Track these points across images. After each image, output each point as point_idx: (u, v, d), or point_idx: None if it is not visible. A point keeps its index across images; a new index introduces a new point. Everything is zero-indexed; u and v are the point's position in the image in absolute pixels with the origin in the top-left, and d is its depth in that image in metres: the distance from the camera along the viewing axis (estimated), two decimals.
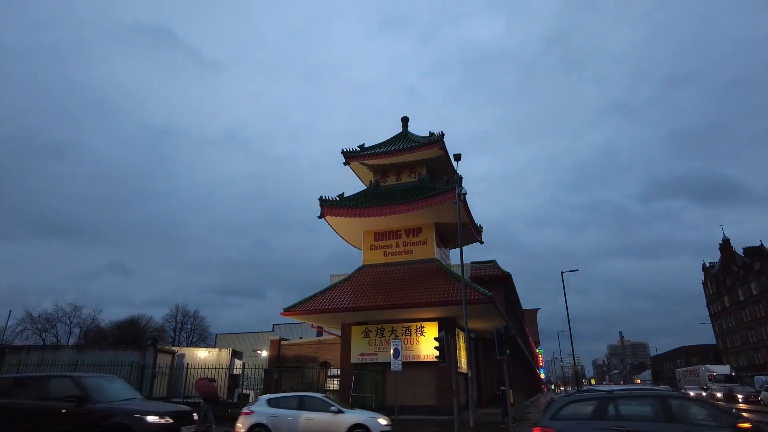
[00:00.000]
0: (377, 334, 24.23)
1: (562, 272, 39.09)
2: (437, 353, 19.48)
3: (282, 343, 29.53)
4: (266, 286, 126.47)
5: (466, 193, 20.61)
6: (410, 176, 28.27)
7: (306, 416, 13.55)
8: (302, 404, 13.96)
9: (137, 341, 50.79)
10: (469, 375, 17.78)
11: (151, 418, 9.48)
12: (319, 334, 41.03)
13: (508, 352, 19.86)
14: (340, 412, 13.64)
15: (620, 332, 46.87)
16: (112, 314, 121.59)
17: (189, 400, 21.04)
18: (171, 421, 9.79)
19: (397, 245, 26.54)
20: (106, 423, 9.50)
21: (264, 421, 13.51)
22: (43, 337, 57.91)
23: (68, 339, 58.97)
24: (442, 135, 27.03)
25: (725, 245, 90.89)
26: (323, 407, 13.80)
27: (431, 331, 23.36)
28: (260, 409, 14.08)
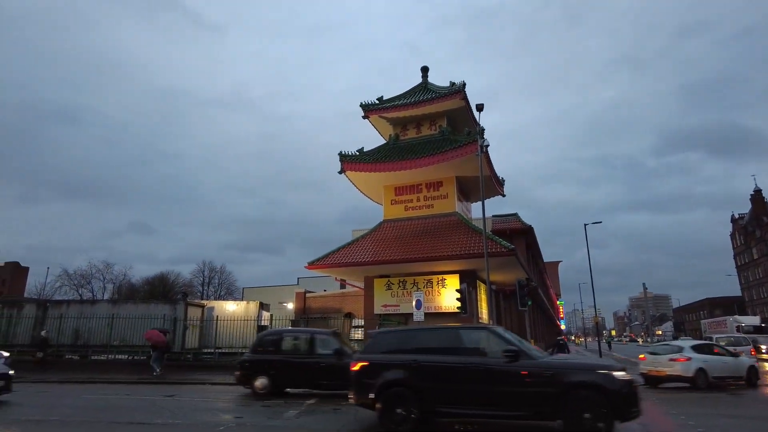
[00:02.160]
0: (399, 286, 24.62)
1: (585, 224, 38.61)
2: (459, 304, 19.77)
3: (307, 295, 30.33)
4: (284, 243, 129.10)
5: (488, 145, 20.23)
6: (431, 129, 27.79)
7: None
8: None
9: (166, 296, 52.79)
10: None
11: None
12: (342, 286, 41.90)
13: (529, 303, 20.09)
14: None
15: (644, 284, 46.68)
16: (141, 271, 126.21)
17: (220, 350, 22.02)
18: None
19: (418, 199, 26.46)
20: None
21: None
22: (80, 292, 60.70)
23: (103, 294, 61.75)
24: (464, 85, 26.29)
25: (756, 196, 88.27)
26: None
27: (452, 283, 23.61)
28: None
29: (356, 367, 8.71)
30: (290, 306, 35.78)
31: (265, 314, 25.47)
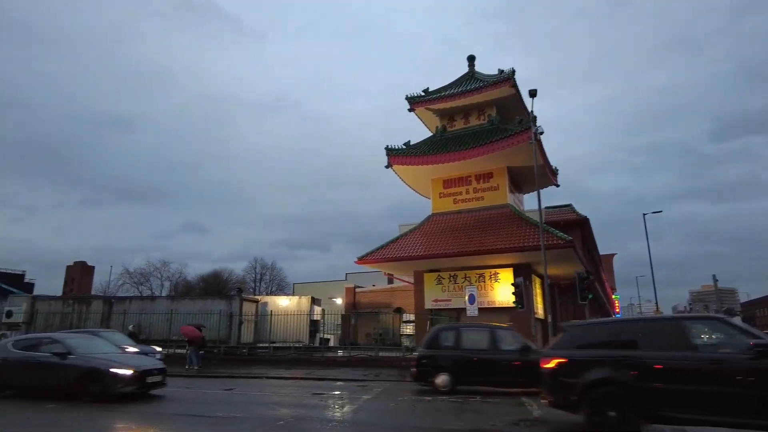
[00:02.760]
0: (450, 281, 24.16)
1: (644, 214, 36.84)
2: (513, 299, 19.13)
3: (357, 290, 30.38)
4: (330, 239, 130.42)
5: (543, 132, 19.40)
6: (479, 119, 27.06)
7: None
8: None
9: (221, 292, 54.54)
10: (549, 320, 17.36)
11: None
12: (390, 281, 41.83)
13: (590, 296, 19.16)
14: None
15: (713, 275, 43.74)
16: (195, 268, 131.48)
17: (274, 344, 22.37)
18: None
19: (467, 192, 25.85)
20: None
21: None
22: (140, 289, 63.75)
23: (161, 291, 64.55)
24: (513, 72, 25.40)
25: None
26: None
27: (506, 277, 22.92)
28: None
29: (550, 365, 7.89)
30: (339, 301, 36.04)
31: (317, 309, 25.71)
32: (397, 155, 25.89)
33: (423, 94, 27.72)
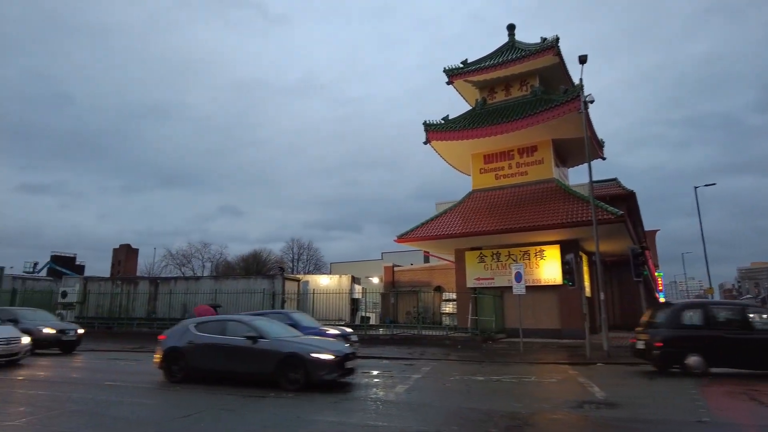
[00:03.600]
0: (493, 258, 23.54)
1: (695, 187, 34.94)
2: (560, 276, 18.43)
3: (395, 269, 30.12)
4: (362, 220, 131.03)
5: (593, 101, 18.29)
6: (521, 90, 25.93)
7: None
8: None
9: (260, 272, 55.49)
10: (602, 297, 16.61)
11: None
12: (426, 260, 41.45)
13: (645, 273, 18.27)
14: None
15: None
16: (235, 249, 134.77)
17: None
18: None
19: (510, 167, 24.95)
20: None
21: None
22: (182, 270, 65.62)
23: (202, 271, 66.27)
24: (557, 39, 24.11)
25: None
26: None
27: (552, 254, 22.16)
28: None
29: None
30: (376, 280, 36.00)
31: (357, 288, 25.63)
32: (435, 131, 25.16)
33: (461, 66, 26.73)
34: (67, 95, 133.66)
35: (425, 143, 25.46)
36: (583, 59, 17.78)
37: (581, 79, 19.49)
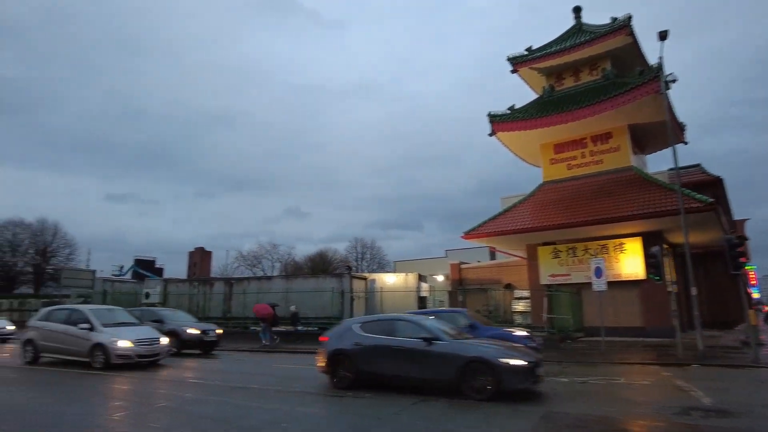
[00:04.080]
0: (568, 254, 22.38)
1: None
2: (643, 271, 17.14)
3: (462, 266, 29.48)
4: (421, 218, 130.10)
5: (675, 80, 16.83)
6: (591, 74, 24.48)
7: None
8: None
9: (326, 270, 56.57)
10: (694, 293, 15.22)
11: None
12: (492, 256, 40.32)
13: (745, 265, 16.57)
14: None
15: None
16: (301, 250, 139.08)
17: None
18: None
19: (583, 155, 23.63)
20: None
21: None
22: (253, 271, 68.32)
23: (272, 271, 68.63)
24: (629, 18, 22.51)
25: None
26: None
27: (632, 248, 20.73)
28: None
29: None
30: (440, 278, 35.50)
31: (424, 286, 25.31)
32: (501, 121, 24.31)
33: (526, 53, 25.67)
34: (141, 110, 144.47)
35: (490, 135, 24.68)
36: (663, 35, 16.38)
37: (660, 58, 17.98)
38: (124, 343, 12.19)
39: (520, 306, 26.19)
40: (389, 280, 25.52)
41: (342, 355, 9.37)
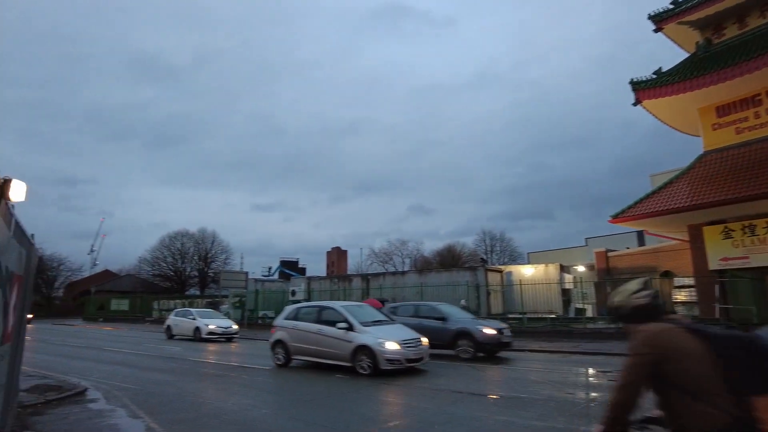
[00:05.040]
0: (745, 233, 18.94)
1: None
2: None
3: (609, 254, 26.79)
4: (553, 206, 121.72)
5: None
6: (763, 16, 20.46)
7: None
8: None
9: (455, 264, 55.93)
10: None
11: None
12: (641, 241, 36.16)
13: None
14: None
15: None
16: (429, 245, 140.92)
17: (527, 315, 21.11)
18: None
19: (757, 116, 19.84)
20: None
21: None
22: (385, 267, 70.29)
23: (402, 267, 69.94)
24: None
25: None
26: None
27: None
28: None
29: None
30: (581, 268, 32.71)
31: (567, 277, 23.46)
32: (647, 88, 21.45)
33: (672, 6, 22.33)
34: (279, 128, 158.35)
35: (635, 104, 21.94)
36: None
37: None
38: (392, 345, 10.70)
39: (681, 295, 22.98)
40: (527, 272, 24.11)
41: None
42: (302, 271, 74.24)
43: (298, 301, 29.13)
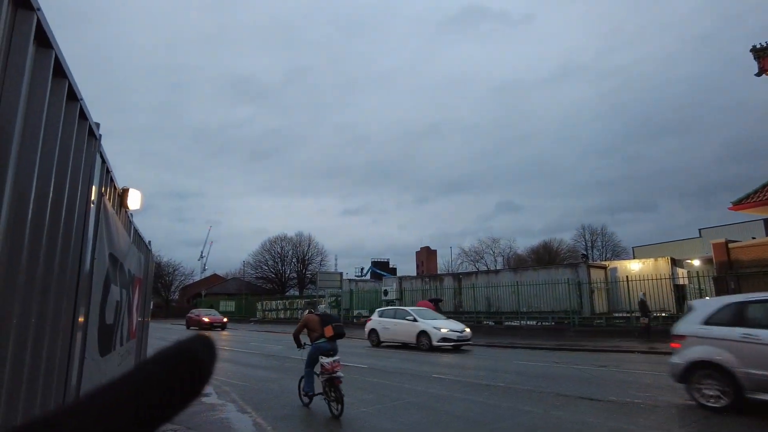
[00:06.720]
0: None
1: None
2: None
3: (730, 246, 23.92)
4: (654, 197, 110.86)
5: None
6: None
7: None
8: None
9: (552, 261, 53.28)
10: None
11: None
12: None
13: None
14: None
15: None
16: (522, 242, 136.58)
17: (635, 314, 19.52)
18: None
19: None
20: None
21: None
22: (476, 266, 68.88)
23: (495, 265, 68.08)
24: None
25: None
26: None
27: None
28: None
29: None
30: (696, 262, 29.57)
31: (680, 271, 21.33)
32: None
33: None
34: (364, 136, 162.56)
35: (758, 74, 19.41)
36: None
37: None
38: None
39: None
40: (634, 267, 22.22)
41: None
42: (393, 271, 75.12)
43: (391, 301, 29.52)
